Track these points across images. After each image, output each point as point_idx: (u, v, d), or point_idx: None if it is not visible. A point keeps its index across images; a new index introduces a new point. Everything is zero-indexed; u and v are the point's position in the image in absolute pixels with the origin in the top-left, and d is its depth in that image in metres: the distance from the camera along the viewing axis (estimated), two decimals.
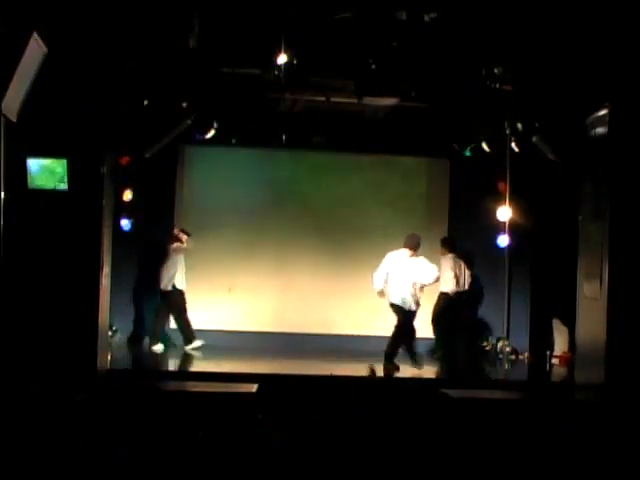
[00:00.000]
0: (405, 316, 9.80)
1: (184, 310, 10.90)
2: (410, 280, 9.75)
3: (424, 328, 10.93)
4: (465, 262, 11.28)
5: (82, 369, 7.63)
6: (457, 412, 7.13)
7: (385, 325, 11.54)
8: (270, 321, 11.64)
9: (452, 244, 11.30)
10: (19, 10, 6.58)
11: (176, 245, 10.85)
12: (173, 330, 11.34)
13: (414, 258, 9.81)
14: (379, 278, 9.88)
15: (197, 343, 10.86)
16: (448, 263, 11.16)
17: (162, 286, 10.76)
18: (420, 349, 10.58)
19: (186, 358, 10.75)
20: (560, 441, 5.71)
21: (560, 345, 10.86)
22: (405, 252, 9.84)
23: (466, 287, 11.26)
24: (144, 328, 11.14)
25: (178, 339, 11.17)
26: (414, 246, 9.81)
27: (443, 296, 11.13)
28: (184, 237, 10.89)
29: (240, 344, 11.03)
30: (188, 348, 10.83)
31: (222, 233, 11.36)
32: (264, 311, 11.67)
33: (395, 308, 9.83)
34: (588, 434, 5.71)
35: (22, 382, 7.11)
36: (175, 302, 10.85)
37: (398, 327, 9.87)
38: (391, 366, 9.68)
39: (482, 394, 8.20)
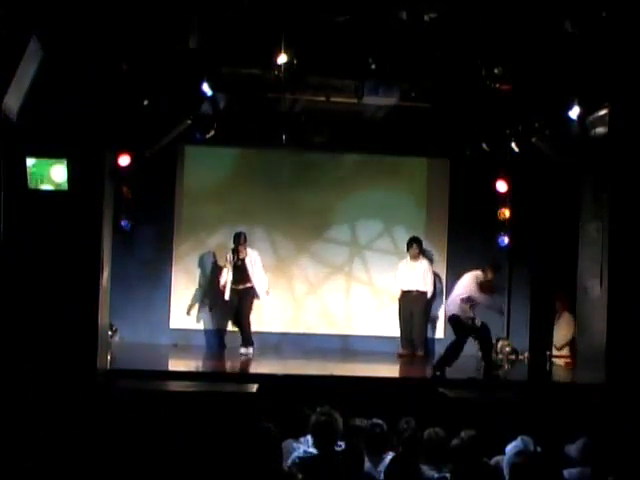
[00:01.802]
0: None
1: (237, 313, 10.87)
2: None
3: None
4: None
5: (82, 369, 7.62)
6: (456, 412, 7.14)
7: (385, 325, 11.60)
8: (270, 321, 11.63)
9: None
10: (19, 11, 6.58)
11: None
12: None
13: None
14: None
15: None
16: (428, 264, 11.20)
17: None
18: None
19: (186, 358, 10.74)
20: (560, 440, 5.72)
21: (560, 339, 10.82)
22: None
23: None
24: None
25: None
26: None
27: (423, 296, 11.11)
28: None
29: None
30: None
31: (221, 233, 11.34)
32: (264, 311, 11.66)
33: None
34: (588, 433, 5.70)
35: (22, 382, 7.11)
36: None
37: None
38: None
39: (482, 394, 8.21)
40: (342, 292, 11.85)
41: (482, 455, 5.22)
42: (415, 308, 11.09)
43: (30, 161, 7.60)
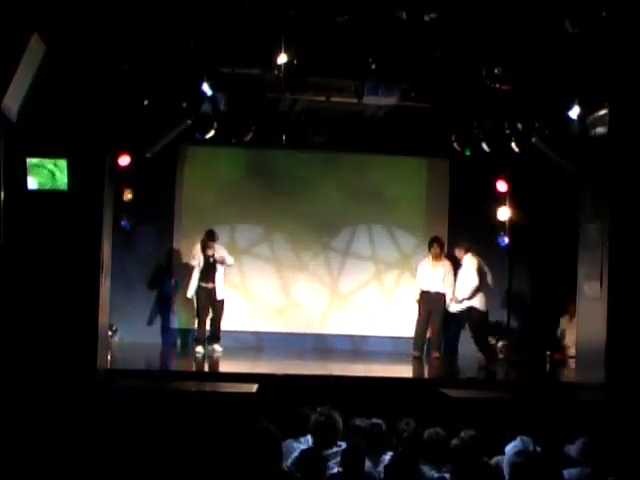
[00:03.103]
0: None
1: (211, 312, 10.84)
2: None
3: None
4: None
5: (82, 369, 7.62)
6: (456, 412, 7.15)
7: (385, 325, 11.61)
8: (270, 321, 11.64)
9: None
10: (19, 10, 6.58)
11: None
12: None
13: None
14: None
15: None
16: (450, 266, 11.14)
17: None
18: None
19: (186, 358, 10.75)
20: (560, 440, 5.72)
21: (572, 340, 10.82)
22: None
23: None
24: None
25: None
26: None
27: (442, 298, 11.06)
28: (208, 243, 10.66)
29: (240, 344, 11.03)
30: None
31: (221, 233, 11.32)
32: (264, 311, 11.68)
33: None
34: (588, 433, 5.70)
35: (22, 382, 7.11)
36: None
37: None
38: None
39: (482, 394, 8.21)
40: (342, 292, 11.85)
41: (482, 455, 5.22)
42: (434, 309, 10.95)
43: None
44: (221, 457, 5.18)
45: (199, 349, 10.53)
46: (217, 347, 10.65)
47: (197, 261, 10.61)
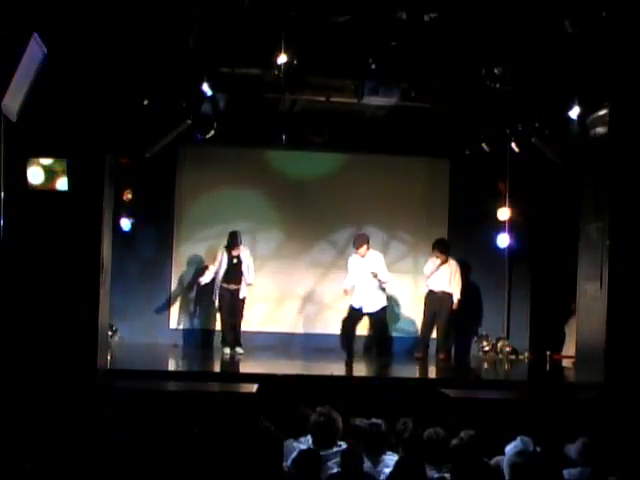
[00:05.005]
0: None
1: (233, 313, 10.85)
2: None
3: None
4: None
5: (82, 369, 7.62)
6: (456, 412, 7.15)
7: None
8: (270, 321, 11.64)
9: None
10: (19, 10, 6.58)
11: None
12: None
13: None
14: None
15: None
16: (456, 266, 11.06)
17: None
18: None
19: (186, 358, 10.75)
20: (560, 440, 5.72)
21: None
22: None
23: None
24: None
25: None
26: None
27: (449, 298, 11.04)
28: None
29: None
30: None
31: (221, 233, 11.33)
32: (264, 311, 11.67)
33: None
34: (588, 433, 5.70)
35: (22, 382, 7.11)
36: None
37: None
38: None
39: (482, 394, 8.21)
40: (341, 292, 11.84)
41: (482, 455, 5.22)
42: (439, 309, 10.92)
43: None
44: (221, 457, 5.17)
45: (226, 350, 10.57)
46: (239, 350, 10.65)
47: (218, 265, 10.61)
